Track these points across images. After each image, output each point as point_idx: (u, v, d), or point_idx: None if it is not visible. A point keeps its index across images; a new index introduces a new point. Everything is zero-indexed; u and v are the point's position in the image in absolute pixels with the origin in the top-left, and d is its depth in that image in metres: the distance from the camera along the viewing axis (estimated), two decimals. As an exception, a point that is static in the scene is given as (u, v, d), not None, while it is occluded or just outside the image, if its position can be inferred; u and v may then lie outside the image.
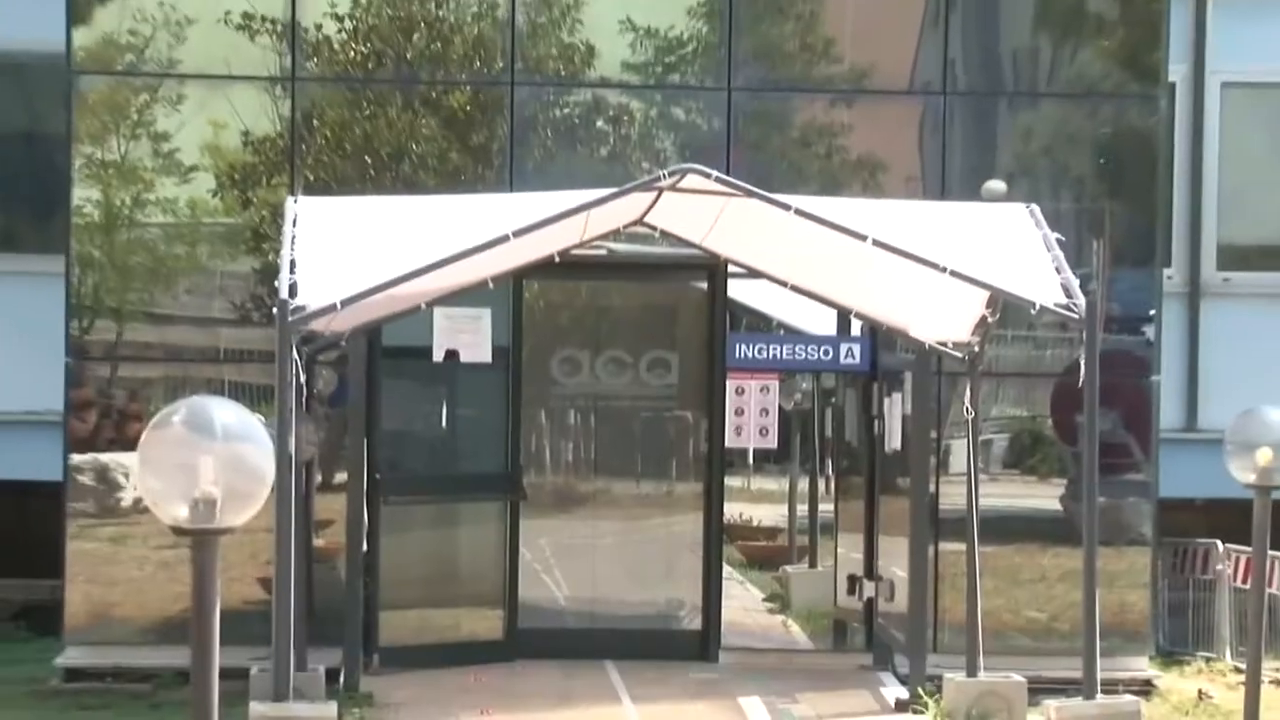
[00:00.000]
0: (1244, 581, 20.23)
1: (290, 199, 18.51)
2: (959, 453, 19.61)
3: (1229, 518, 19.48)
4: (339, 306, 16.27)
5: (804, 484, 23.69)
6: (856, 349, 20.98)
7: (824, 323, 21.07)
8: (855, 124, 21.20)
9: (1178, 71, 22.80)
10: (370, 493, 19.68)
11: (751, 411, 21.68)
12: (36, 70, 21.86)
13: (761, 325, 21.64)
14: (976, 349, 18.58)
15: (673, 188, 17.42)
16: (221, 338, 20.37)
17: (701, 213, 18.16)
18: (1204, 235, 23.98)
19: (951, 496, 19.44)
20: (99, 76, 20.52)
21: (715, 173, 17.44)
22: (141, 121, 20.61)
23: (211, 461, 8.34)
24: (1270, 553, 15.26)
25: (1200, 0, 23.45)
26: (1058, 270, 17.15)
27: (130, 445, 13.75)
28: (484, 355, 20.20)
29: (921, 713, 18.15)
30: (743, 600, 22.24)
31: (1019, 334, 19.47)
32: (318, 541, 18.97)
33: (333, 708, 16.64)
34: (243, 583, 17.42)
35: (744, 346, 21.19)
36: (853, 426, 21.93)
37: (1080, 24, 21.20)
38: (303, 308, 16.13)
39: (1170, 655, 21.11)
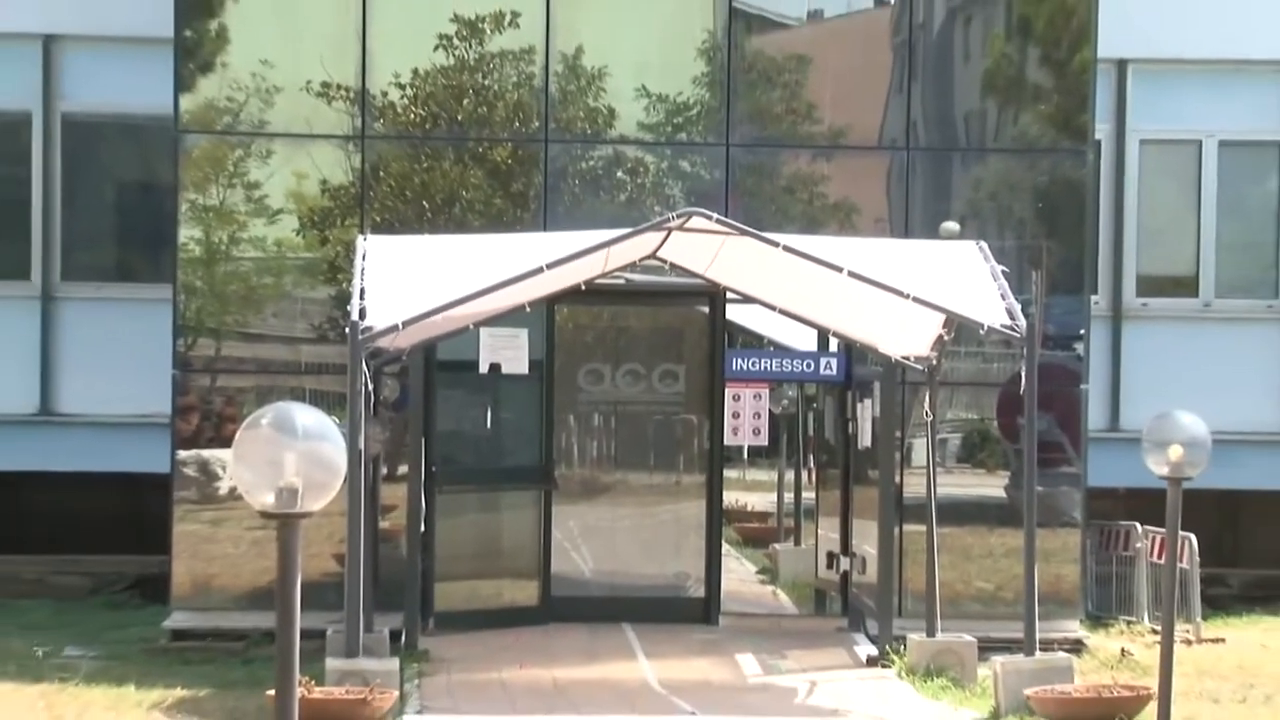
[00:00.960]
0: (1158, 557, 20.16)
1: (360, 237, 18.53)
2: (920, 449, 19.50)
3: (1146, 504, 19.35)
4: (400, 327, 16.36)
5: (790, 475, 23.68)
6: (834, 362, 20.93)
7: (806, 340, 21.07)
8: (833, 174, 21.12)
9: (1103, 130, 22.71)
10: (427, 483, 19.55)
11: (746, 415, 21.61)
12: (149, 130, 21.77)
13: (754, 343, 21.56)
14: (935, 362, 18.56)
15: (680, 228, 17.44)
16: (302, 353, 20.28)
17: (704, 249, 18.10)
18: (1125, 267, 23.89)
19: (913, 486, 19.32)
20: (201, 135, 20.40)
21: (715, 215, 17.44)
22: (236, 172, 20.51)
23: (294, 457, 8.28)
24: (1180, 533, 15.06)
25: (1121, 71, 23.30)
26: (1002, 297, 17.17)
27: (226, 443, 13.65)
28: (522, 367, 20.18)
29: (889, 667, 18.04)
30: (738, 573, 22.21)
31: (970, 350, 19.33)
32: (383, 524, 18.91)
33: (395, 663, 16.58)
34: (320, 558, 17.31)
35: (739, 360, 21.17)
36: (830, 427, 21.87)
37: (1021, 91, 21.09)
38: (371, 328, 16.19)
39: (1097, 619, 21.00)
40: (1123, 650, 19.64)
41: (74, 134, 23.52)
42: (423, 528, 19.34)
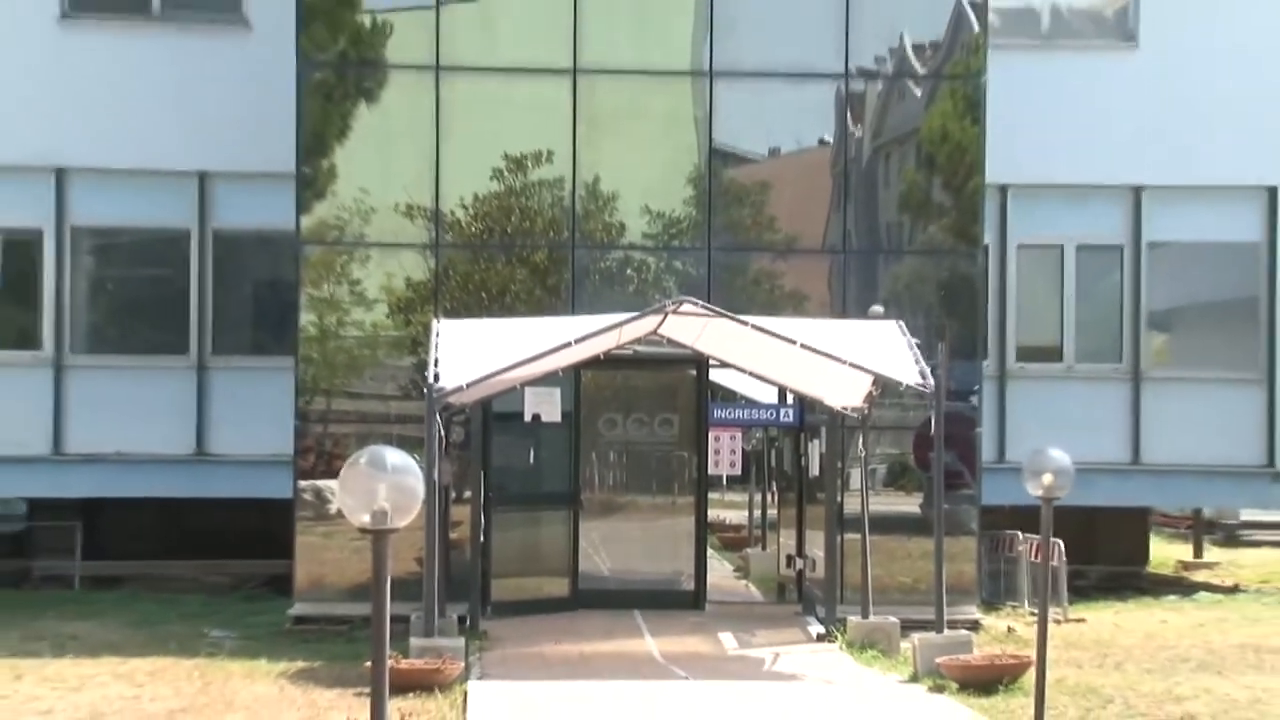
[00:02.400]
0: (1035, 557, 20.06)
1: (435, 320, 18.54)
2: (855, 477, 19.44)
3: (1026, 517, 19.20)
4: (465, 387, 16.46)
5: (758, 497, 23.60)
6: (791, 412, 20.93)
7: (769, 395, 21.00)
8: (788, 270, 21.06)
9: (990, 237, 22.69)
10: (485, 504, 19.53)
11: (724, 451, 21.68)
12: (278, 241, 21.73)
13: (730, 397, 21.44)
14: (866, 411, 18.54)
15: (674, 312, 17.42)
16: (391, 407, 20.24)
17: (692, 327, 18.08)
18: (1007, 339, 23.87)
19: (851, 505, 19.20)
20: (317, 245, 20.36)
21: (700, 302, 17.52)
22: (343, 272, 20.48)
23: (384, 487, 8.34)
24: (1051, 539, 15.00)
25: (1003, 193, 23.35)
26: (916, 362, 17.23)
27: (334, 475, 13.55)
28: (557, 417, 20.16)
29: (833, 642, 17.97)
30: (719, 571, 22.19)
31: (892, 402, 19.26)
32: (452, 535, 18.76)
33: (461, 641, 16.50)
34: (404, 561, 17.20)
35: (719, 410, 21.23)
36: (788, 460, 21.87)
37: (928, 208, 21.07)
38: (443, 388, 16.21)
39: (989, 604, 20.92)
40: (1009, 628, 19.62)
41: (221, 245, 23.56)
42: (482, 538, 19.34)
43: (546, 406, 20.16)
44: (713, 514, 21.71)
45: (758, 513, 24.16)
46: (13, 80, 23.08)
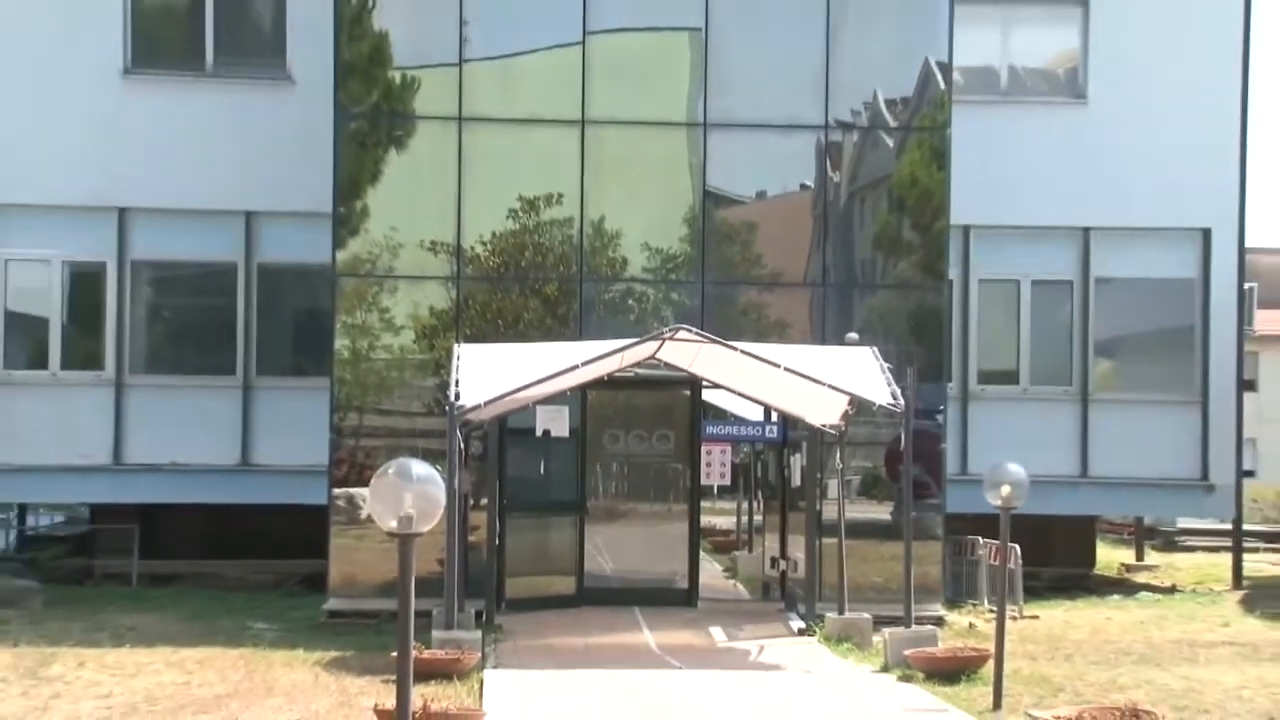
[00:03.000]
0: (994, 560, 19.92)
1: (456, 345, 18.49)
2: (833, 487, 19.36)
3: (986, 524, 19.12)
4: (483, 405, 16.47)
5: (745, 505, 23.47)
6: (775, 429, 20.89)
7: (756, 413, 20.92)
8: (773, 302, 21.00)
9: (954, 272, 22.70)
10: (500, 511, 19.53)
11: (715, 464, 21.54)
12: (315, 274, 21.76)
13: (720, 415, 21.32)
14: (843, 428, 18.55)
15: (671, 338, 17.42)
16: (416, 423, 20.14)
17: (687, 352, 18.10)
18: (970, 364, 23.93)
19: (829, 512, 19.14)
20: (351, 278, 20.33)
21: (695, 330, 17.46)
22: (373, 302, 20.44)
23: (410, 495, 8.45)
24: (1009, 544, 14.92)
25: (965, 233, 23.39)
26: (888, 384, 17.22)
27: (365, 484, 13.47)
28: (565, 432, 20.14)
29: (812, 636, 17.95)
30: (710, 572, 22.04)
31: (866, 420, 19.15)
32: (470, 538, 18.70)
33: (479, 634, 16.45)
34: (427, 562, 17.02)
35: (710, 427, 21.19)
36: (773, 472, 21.75)
37: (899, 246, 21.01)
38: (463, 406, 16.20)
39: (953, 602, 20.85)
40: (970, 624, 19.58)
41: (265, 277, 23.62)
42: (497, 541, 19.31)
43: (556, 423, 20.13)
44: (705, 520, 21.61)
45: (745, 519, 24.08)
46: (81, 129, 23.19)
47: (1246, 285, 25.27)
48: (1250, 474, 32.86)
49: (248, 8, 24.06)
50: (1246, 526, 27.49)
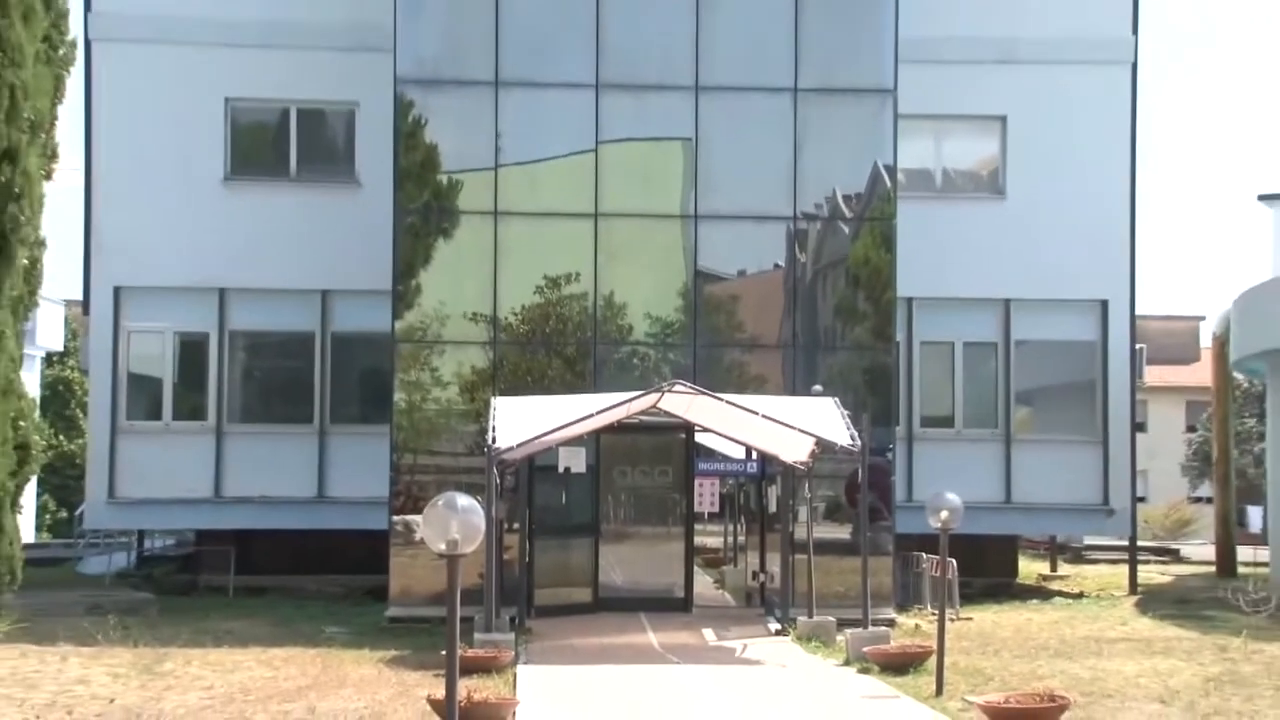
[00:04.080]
0: (935, 572, 19.77)
1: (493, 397, 18.49)
2: (803, 512, 19.25)
3: (928, 542, 19.04)
4: (515, 447, 16.45)
5: (731, 527, 23.29)
6: (755, 465, 20.76)
7: (739, 453, 20.73)
8: (752, 361, 20.97)
9: (900, 336, 22.65)
10: (530, 534, 19.49)
11: (706, 494, 21.48)
12: (378, 340, 21.60)
13: (710, 454, 21.13)
14: (810, 464, 18.44)
15: (669, 391, 17.44)
16: (461, 462, 20.01)
17: (682, 402, 18.10)
18: (914, 411, 23.88)
19: (799, 533, 19.03)
20: (407, 343, 20.32)
21: (688, 384, 17.47)
22: (426, 362, 20.45)
23: (456, 522, 8.40)
24: (947, 559, 14.81)
25: (909, 304, 23.25)
26: (847, 428, 17.23)
27: (419, 512, 13.34)
28: (583, 469, 20.11)
29: (787, 636, 17.82)
30: (703, 583, 21.85)
31: (830, 457, 19.00)
32: (506, 556, 18.60)
33: (512, 635, 16.41)
34: (470, 576, 16.73)
35: (702, 464, 21.05)
36: (753, 501, 21.58)
37: (855, 314, 21.01)
38: (499, 449, 16.21)
39: (902, 607, 20.68)
40: (916, 625, 19.38)
41: (337, 343, 23.65)
42: (527, 559, 19.26)
43: (575, 461, 20.05)
44: (698, 540, 21.41)
45: (731, 539, 23.89)
46: (189, 226, 23.27)
47: (1137, 346, 25.21)
48: (1142, 500, 32.86)
49: (324, 126, 24.14)
50: (1140, 543, 27.40)
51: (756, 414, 16.95)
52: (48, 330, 38.34)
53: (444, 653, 9.02)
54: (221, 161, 23.52)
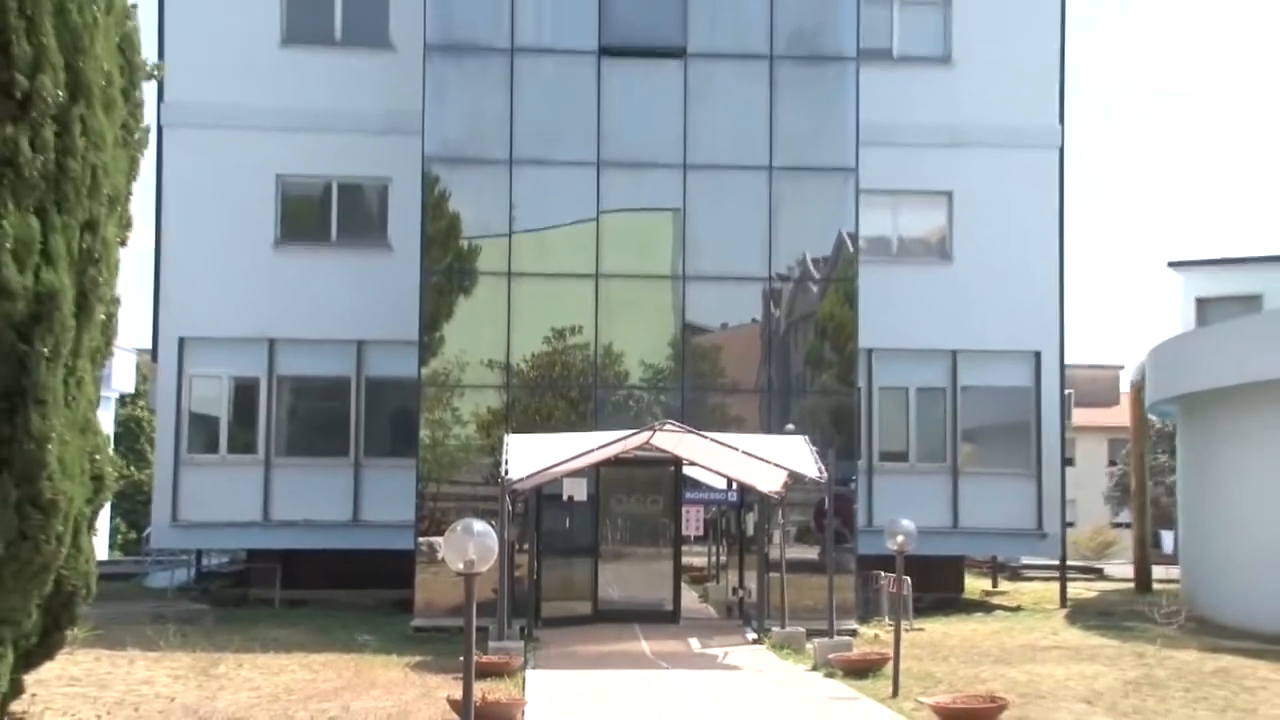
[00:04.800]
0: (892, 588, 19.63)
1: (506, 435, 18.37)
2: (777, 536, 19.17)
3: (886, 562, 18.95)
4: (525, 478, 16.27)
5: (714, 549, 23.18)
6: (735, 494, 20.79)
7: (721, 484, 20.71)
8: (733, 403, 20.97)
9: (862, 382, 22.66)
10: (538, 554, 19.41)
11: (692, 519, 21.39)
12: (407, 385, 21.55)
13: (696, 485, 21.08)
14: (783, 494, 18.40)
15: (660, 430, 17.43)
16: (478, 491, 19.96)
17: (672, 439, 18.08)
18: (874, 446, 23.75)
19: (773, 553, 18.91)
20: (431, 387, 20.33)
21: (677, 424, 17.42)
22: (448, 403, 20.45)
23: (472, 544, 8.33)
24: (903, 577, 14.77)
25: (869, 354, 23.24)
26: (816, 462, 17.13)
27: (441, 535, 13.31)
28: (584, 497, 20.09)
29: (762, 644, 17.76)
30: (689, 597, 21.62)
31: (800, 487, 18.94)
32: (517, 573, 18.49)
33: (521, 644, 16.31)
34: (485, 590, 16.74)
35: (689, 493, 21.00)
36: (733, 526, 21.48)
37: (822, 362, 21.06)
38: (511, 480, 16.07)
39: (862, 619, 20.52)
40: (875, 635, 19.20)
41: (371, 387, 23.55)
42: (535, 576, 19.21)
43: (577, 490, 20.02)
44: (685, 560, 21.32)
45: (714, 559, 23.78)
46: (244, 284, 23.22)
47: (1066, 391, 25.23)
48: (1071, 525, 32.73)
49: (361, 198, 24.17)
50: (1069, 563, 27.36)
51: (736, 449, 16.93)
52: (121, 375, 38.52)
53: (461, 657, 8.98)
54: (272, 229, 23.55)
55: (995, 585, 29.82)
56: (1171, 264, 33.68)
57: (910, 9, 24.41)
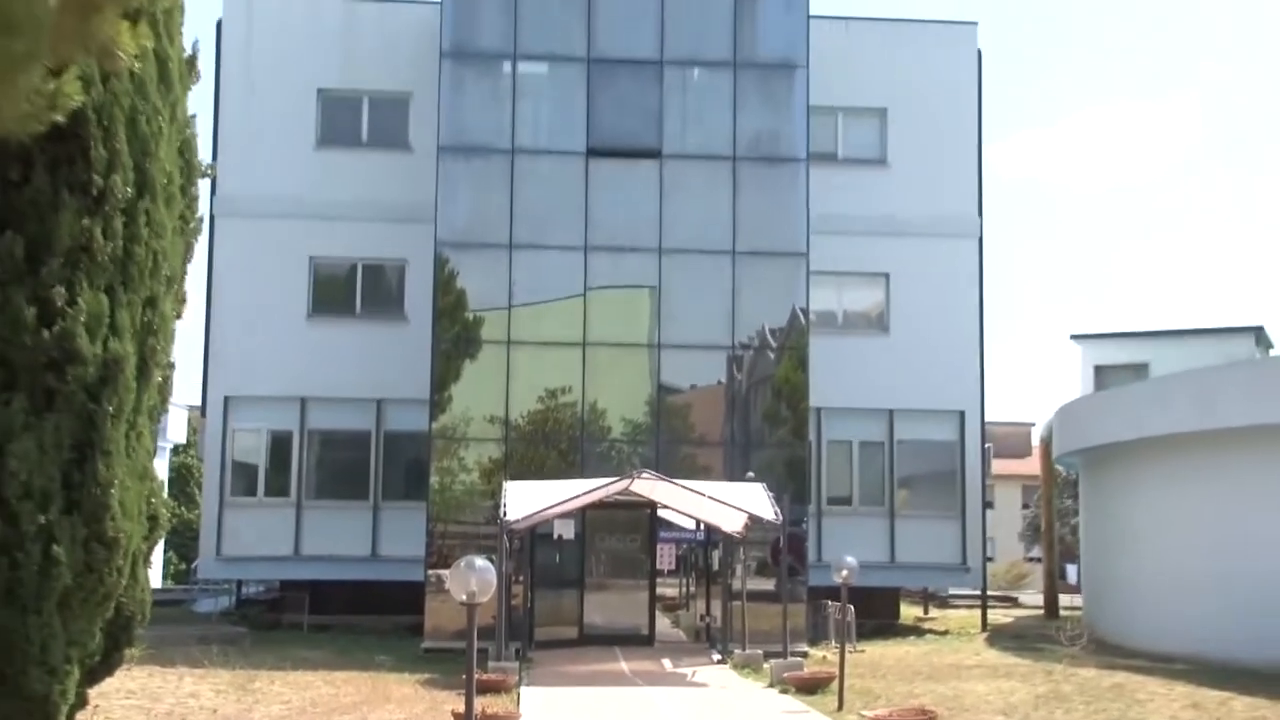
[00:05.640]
0: (838, 615, 19.54)
1: (505, 481, 18.34)
2: (739, 570, 19.06)
3: (832, 593, 18.88)
4: (521, 520, 16.15)
5: (683, 581, 23.07)
6: (702, 533, 20.69)
7: (690, 524, 20.65)
8: (700, 454, 20.96)
9: (813, 436, 22.68)
10: (532, 585, 19.25)
11: (665, 555, 21.30)
12: (419, 437, 21.52)
13: (669, 525, 21.01)
14: (745, 534, 18.30)
15: (638, 478, 17.39)
16: (480, 530, 19.86)
17: (648, 486, 18.04)
18: (822, 492, 23.71)
19: (736, 585, 18.84)
20: (441, 439, 20.33)
21: (653, 473, 17.41)
22: (455, 454, 20.42)
23: (474, 578, 8.30)
24: (847, 605, 14.76)
25: (819, 412, 23.28)
26: (773, 506, 17.11)
27: (447, 568, 13.29)
28: (572, 536, 20.04)
29: (726, 664, 17.68)
30: (663, 623, 21.41)
31: (759, 528, 18.92)
32: (513, 602, 18.35)
33: (517, 664, 16.21)
34: (485, 617, 16.60)
35: (662, 533, 20.92)
36: (701, 561, 21.39)
37: (778, 419, 21.12)
38: (509, 521, 15.99)
39: (812, 642, 20.40)
40: (824, 656, 19.09)
41: (389, 440, 23.39)
42: (529, 604, 19.04)
43: (566, 530, 19.97)
44: (659, 591, 21.21)
45: (684, 590, 23.65)
46: (280, 350, 23.14)
47: (986, 445, 25.34)
48: (991, 559, 32.79)
49: (381, 276, 24.22)
50: (989, 592, 27.35)
51: (704, 495, 16.97)
52: (175, 428, 38.39)
53: (463, 675, 8.97)
54: (305, 303, 23.57)
55: (926, 612, 29.77)
56: (1074, 336, 34.04)
57: (852, 119, 24.79)
